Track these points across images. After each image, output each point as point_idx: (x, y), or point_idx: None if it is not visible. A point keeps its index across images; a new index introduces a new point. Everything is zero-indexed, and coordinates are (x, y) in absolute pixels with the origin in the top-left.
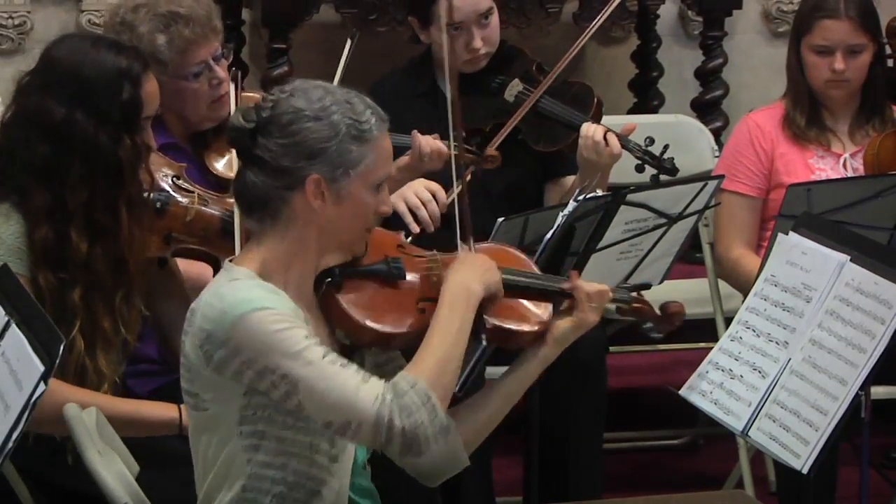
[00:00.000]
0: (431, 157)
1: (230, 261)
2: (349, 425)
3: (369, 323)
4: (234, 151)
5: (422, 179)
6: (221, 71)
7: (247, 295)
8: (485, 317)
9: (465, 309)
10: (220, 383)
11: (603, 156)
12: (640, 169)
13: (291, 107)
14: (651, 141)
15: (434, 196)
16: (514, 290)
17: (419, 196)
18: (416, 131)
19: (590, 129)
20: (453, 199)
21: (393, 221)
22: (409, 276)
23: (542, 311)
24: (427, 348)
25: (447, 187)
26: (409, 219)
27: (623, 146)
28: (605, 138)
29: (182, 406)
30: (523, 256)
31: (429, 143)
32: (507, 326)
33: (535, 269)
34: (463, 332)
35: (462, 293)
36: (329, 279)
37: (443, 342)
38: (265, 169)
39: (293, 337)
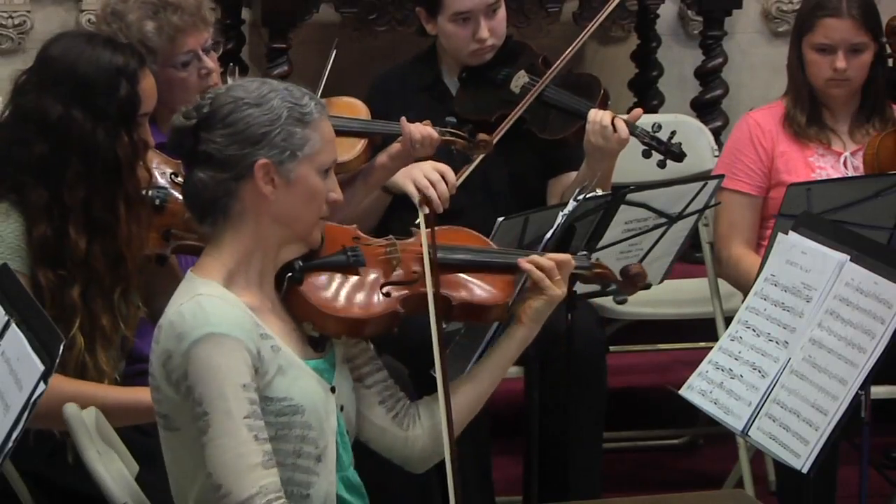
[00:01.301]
0: (423, 144)
1: (192, 271)
2: (220, 489)
3: (336, 312)
4: None
5: (430, 161)
6: (211, 62)
7: (204, 318)
8: (449, 295)
9: None
10: (181, 404)
11: (611, 141)
12: (646, 154)
13: (230, 97)
14: (658, 127)
15: (443, 176)
16: (471, 266)
17: (428, 177)
18: (403, 118)
19: (597, 115)
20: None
21: (402, 202)
22: (370, 264)
23: (505, 283)
24: None
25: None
26: (418, 199)
27: (630, 132)
28: (612, 124)
29: None
30: (479, 236)
31: (419, 129)
32: (473, 301)
33: (492, 247)
34: None
35: None
36: (290, 274)
37: None
38: (211, 163)
39: (231, 378)
